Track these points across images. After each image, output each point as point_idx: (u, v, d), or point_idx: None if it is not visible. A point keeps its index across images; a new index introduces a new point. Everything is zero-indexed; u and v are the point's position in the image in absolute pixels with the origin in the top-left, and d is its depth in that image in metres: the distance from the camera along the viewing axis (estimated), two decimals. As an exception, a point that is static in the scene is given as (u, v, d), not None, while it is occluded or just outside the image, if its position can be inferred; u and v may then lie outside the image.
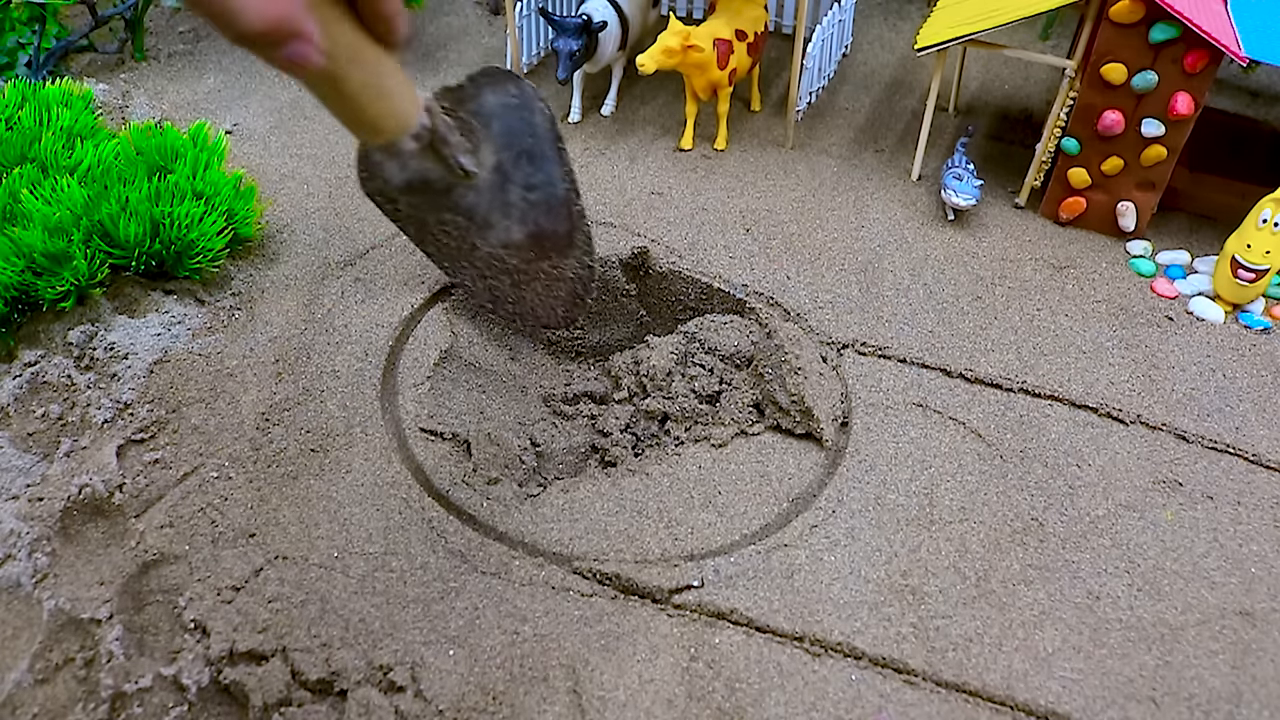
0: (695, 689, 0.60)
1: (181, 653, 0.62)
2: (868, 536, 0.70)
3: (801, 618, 0.64)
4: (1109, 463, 0.76)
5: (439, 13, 1.40)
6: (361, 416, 0.78)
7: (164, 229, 0.83)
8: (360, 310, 0.87)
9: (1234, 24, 0.91)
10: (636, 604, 0.65)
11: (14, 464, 0.71)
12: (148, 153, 0.90)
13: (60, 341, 0.80)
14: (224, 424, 0.76)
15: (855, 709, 0.60)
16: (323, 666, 0.61)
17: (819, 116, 1.19)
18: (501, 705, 0.59)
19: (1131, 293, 0.93)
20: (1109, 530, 0.71)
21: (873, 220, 1.01)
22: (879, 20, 1.42)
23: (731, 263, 0.94)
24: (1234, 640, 0.65)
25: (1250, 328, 0.90)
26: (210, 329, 0.84)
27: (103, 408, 0.75)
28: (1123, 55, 0.89)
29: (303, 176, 1.05)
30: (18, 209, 0.81)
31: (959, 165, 1.01)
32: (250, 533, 0.69)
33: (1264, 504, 0.74)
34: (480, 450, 0.80)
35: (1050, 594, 0.67)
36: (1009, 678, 0.62)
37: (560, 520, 0.72)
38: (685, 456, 0.77)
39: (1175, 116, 0.90)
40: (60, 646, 0.61)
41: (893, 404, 0.80)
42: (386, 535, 0.69)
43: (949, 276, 0.94)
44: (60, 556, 0.66)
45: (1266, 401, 0.82)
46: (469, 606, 0.65)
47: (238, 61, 1.26)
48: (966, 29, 0.96)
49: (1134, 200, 0.97)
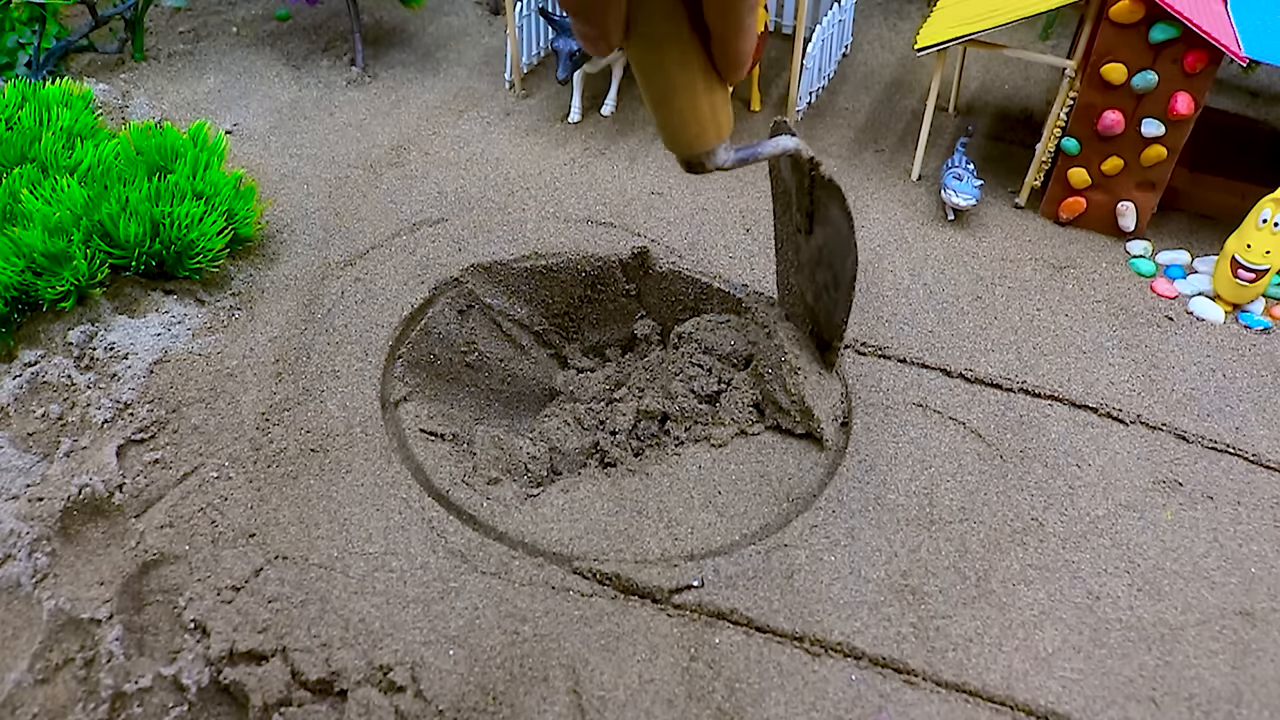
0: (695, 689, 0.60)
1: (181, 653, 0.62)
2: (868, 536, 0.70)
3: (801, 618, 0.64)
4: (1109, 463, 0.76)
5: (439, 13, 1.40)
6: (361, 416, 0.78)
7: (164, 229, 0.83)
8: (360, 310, 0.87)
9: (1234, 24, 0.91)
10: (636, 604, 0.65)
11: (14, 464, 0.71)
12: (148, 153, 0.90)
13: (60, 341, 0.80)
14: (224, 424, 0.76)
15: (855, 709, 0.60)
16: (323, 666, 0.61)
17: (819, 116, 1.19)
18: (501, 705, 0.59)
19: (1131, 293, 0.93)
20: (1109, 530, 0.71)
21: (873, 220, 1.01)
22: (879, 20, 1.42)
23: (731, 263, 0.94)
24: (1234, 640, 0.65)
25: (1250, 328, 0.90)
26: (210, 329, 0.84)
27: (103, 408, 0.75)
28: (1123, 55, 0.89)
29: (303, 176, 1.05)
30: (18, 209, 0.81)
31: (959, 165, 1.01)
32: (250, 533, 0.69)
33: (1264, 504, 0.74)
34: (482, 451, 0.80)
35: (1050, 594, 0.67)
36: (1009, 678, 0.62)
37: (560, 520, 0.72)
38: (685, 456, 0.77)
39: (1175, 116, 0.90)
40: (60, 646, 0.61)
41: (893, 404, 0.80)
42: (386, 535, 0.69)
43: (949, 276, 0.94)
44: (60, 556, 0.66)
45: (1266, 401, 0.82)
46: (469, 606, 0.65)
47: (238, 61, 1.26)
48: (966, 29, 0.96)
49: (1134, 200, 0.97)
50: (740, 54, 0.55)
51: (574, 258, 0.94)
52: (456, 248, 0.94)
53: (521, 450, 0.81)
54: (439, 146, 1.11)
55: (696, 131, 0.59)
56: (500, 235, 0.96)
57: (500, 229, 0.97)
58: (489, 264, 0.93)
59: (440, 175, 1.06)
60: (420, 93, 1.21)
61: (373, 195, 1.02)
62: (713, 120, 0.59)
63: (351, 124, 1.14)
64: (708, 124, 0.59)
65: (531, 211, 1.00)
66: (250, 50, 1.29)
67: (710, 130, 0.59)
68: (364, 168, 1.07)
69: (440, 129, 1.14)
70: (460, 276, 0.91)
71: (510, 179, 1.05)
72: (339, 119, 1.15)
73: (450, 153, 1.10)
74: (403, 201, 1.01)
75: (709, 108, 0.58)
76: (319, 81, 1.23)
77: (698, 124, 0.58)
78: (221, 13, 1.39)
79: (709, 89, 0.57)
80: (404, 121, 1.15)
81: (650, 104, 0.58)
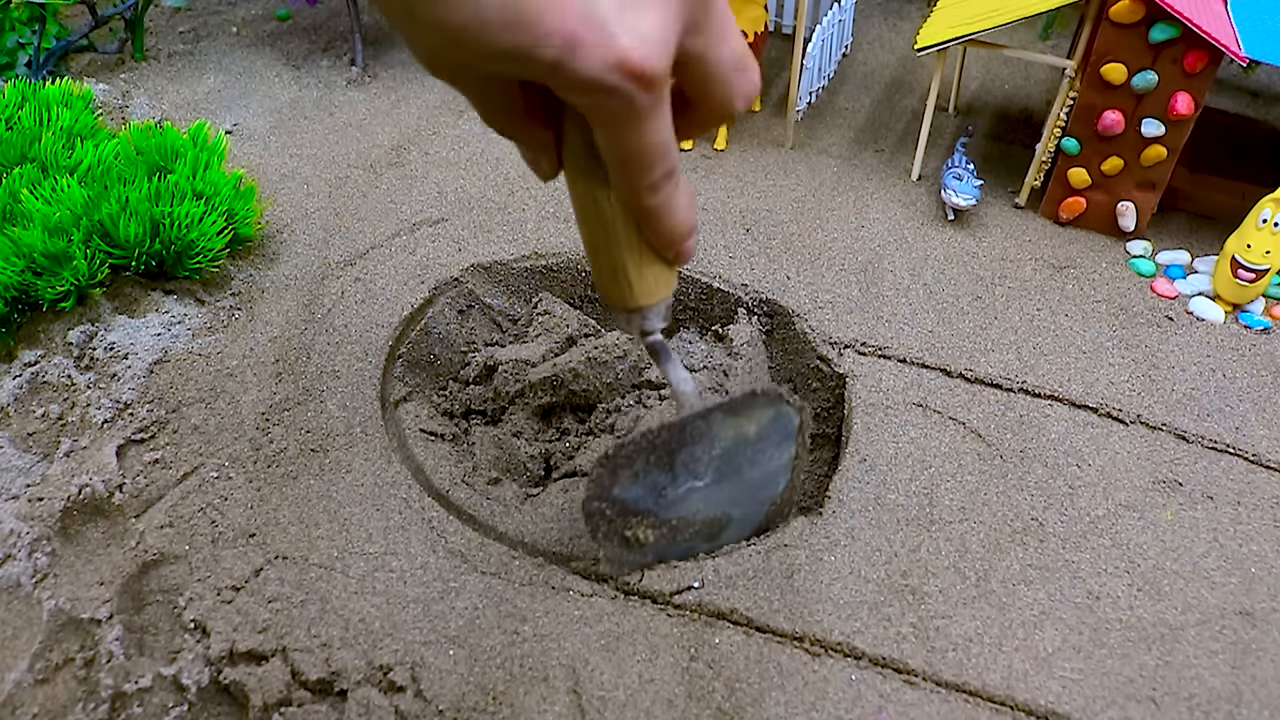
0: (695, 689, 0.60)
1: (181, 653, 0.62)
2: (868, 536, 0.70)
3: (801, 618, 0.64)
4: (1109, 463, 0.76)
5: (439, 13, 1.40)
6: (361, 416, 0.78)
7: (164, 229, 0.83)
8: (360, 310, 0.87)
9: (1234, 24, 0.91)
10: (636, 604, 0.65)
11: (14, 464, 0.71)
12: (148, 153, 0.90)
13: (60, 341, 0.80)
14: (224, 424, 0.76)
15: (855, 709, 0.60)
16: (323, 666, 0.61)
17: (819, 116, 1.19)
18: (501, 705, 0.59)
19: (1131, 293, 0.93)
20: (1109, 530, 0.71)
21: (873, 220, 1.01)
22: (879, 20, 1.42)
23: (731, 263, 0.94)
24: (1234, 640, 0.65)
25: (1250, 328, 0.90)
26: (210, 329, 0.84)
27: (103, 408, 0.75)
28: (1123, 55, 0.89)
29: (303, 176, 1.05)
30: (18, 209, 0.81)
31: (959, 165, 1.01)
32: (250, 533, 0.69)
33: (1264, 504, 0.74)
34: (481, 451, 0.80)
35: (1050, 594, 0.67)
36: (1009, 678, 0.62)
37: (560, 520, 0.72)
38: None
39: (1175, 116, 0.90)
40: (60, 646, 0.61)
41: (893, 404, 0.80)
42: (386, 535, 0.69)
43: (949, 276, 0.94)
44: (60, 556, 0.66)
45: (1266, 401, 0.82)
46: (469, 606, 0.65)
47: (238, 61, 1.26)
48: (966, 29, 0.96)
49: (1134, 200, 0.97)
50: (667, 234, 0.50)
51: (574, 258, 0.94)
52: (456, 248, 0.94)
53: (521, 450, 0.81)
54: (439, 146, 1.11)
55: (614, 289, 0.53)
56: (500, 235, 0.96)
57: (500, 229, 0.97)
58: (489, 264, 0.93)
59: (440, 175, 1.06)
60: (420, 93, 1.21)
61: (373, 195, 1.02)
62: (638, 284, 0.53)
63: (351, 124, 1.14)
64: (628, 287, 0.53)
65: (531, 211, 1.00)
66: (250, 50, 1.29)
67: (634, 294, 0.53)
68: (364, 168, 1.07)
69: (440, 129, 1.14)
70: (460, 276, 0.91)
71: (510, 179, 1.05)
72: (339, 119, 1.15)
73: (450, 153, 1.10)
74: (403, 201, 1.01)
75: (635, 271, 0.52)
76: (319, 81, 1.23)
77: (616, 283, 0.53)
78: (221, 13, 1.39)
79: (640, 251, 0.51)
80: (404, 121, 1.15)
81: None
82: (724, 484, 0.65)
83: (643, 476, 0.62)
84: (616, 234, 0.50)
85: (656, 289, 0.54)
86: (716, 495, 0.65)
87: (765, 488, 0.68)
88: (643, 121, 0.43)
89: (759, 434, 0.64)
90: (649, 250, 0.52)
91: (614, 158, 0.46)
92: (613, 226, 0.50)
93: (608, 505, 0.62)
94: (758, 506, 0.69)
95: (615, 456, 0.60)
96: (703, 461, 0.63)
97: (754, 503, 0.68)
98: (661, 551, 0.66)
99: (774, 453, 0.66)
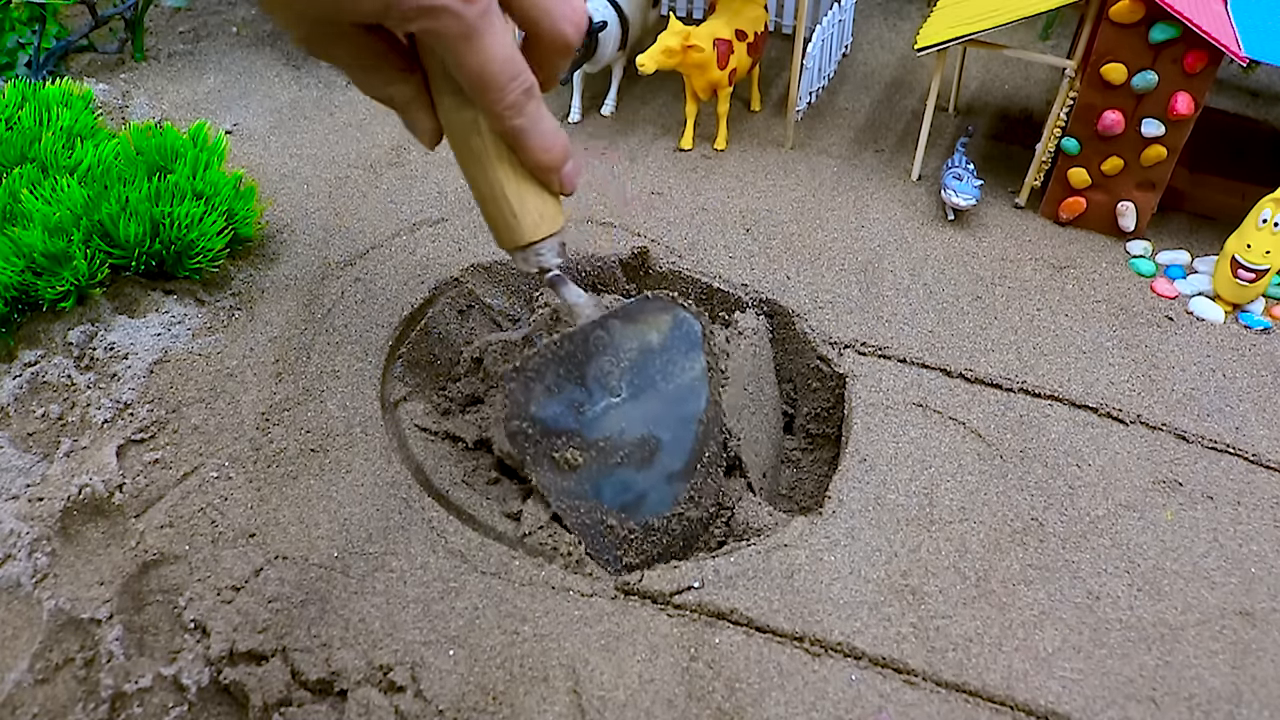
0: (695, 689, 0.60)
1: (181, 653, 0.62)
2: (868, 536, 0.70)
3: (801, 618, 0.64)
4: (1109, 463, 0.76)
5: (439, 13, 1.40)
6: (361, 416, 0.78)
7: (164, 229, 0.83)
8: (360, 310, 0.87)
9: (1234, 24, 0.91)
10: (636, 604, 0.65)
11: (14, 464, 0.71)
12: (148, 153, 0.90)
13: (60, 341, 0.80)
14: (224, 424, 0.76)
15: (855, 709, 0.60)
16: (323, 666, 0.61)
17: (819, 116, 1.19)
18: (501, 705, 0.59)
19: (1131, 293, 0.93)
20: (1109, 530, 0.71)
21: (873, 220, 1.01)
22: (879, 20, 1.42)
23: (731, 263, 0.94)
24: (1234, 640, 0.65)
25: (1250, 328, 0.90)
26: (210, 329, 0.84)
27: (103, 408, 0.75)
28: (1123, 55, 0.89)
29: (303, 176, 1.05)
30: (18, 209, 0.81)
31: (959, 165, 1.01)
32: (250, 533, 0.69)
33: (1264, 504, 0.74)
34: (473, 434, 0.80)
35: (1050, 594, 0.67)
36: (1009, 678, 0.62)
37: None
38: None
39: (1175, 116, 0.90)
40: (60, 646, 0.61)
41: (893, 404, 0.80)
42: (386, 535, 0.69)
43: (949, 276, 0.94)
44: (60, 556, 0.66)
45: (1266, 401, 0.82)
46: (469, 606, 0.65)
47: (238, 61, 1.26)
48: (966, 29, 0.96)
49: (1134, 200, 0.97)
50: (540, 154, 0.52)
51: (574, 258, 0.94)
52: (456, 248, 0.94)
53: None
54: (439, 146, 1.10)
55: (502, 226, 0.55)
56: (500, 235, 0.96)
57: (500, 229, 0.97)
58: (489, 264, 0.93)
59: (440, 175, 1.06)
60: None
61: (373, 195, 1.02)
62: (522, 216, 0.55)
63: (351, 124, 1.14)
64: (513, 219, 0.55)
65: (531, 211, 1.00)
66: (250, 50, 1.29)
67: (520, 226, 0.55)
68: (364, 168, 1.07)
69: (440, 129, 1.14)
70: (460, 276, 0.91)
71: (510, 179, 1.05)
72: (339, 119, 1.15)
73: (450, 152, 1.09)
74: (403, 201, 1.01)
75: (517, 202, 0.54)
76: (319, 81, 1.23)
77: (501, 218, 0.55)
78: (221, 13, 1.39)
79: (517, 182, 0.53)
80: (404, 121, 1.15)
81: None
82: (641, 399, 0.65)
83: (556, 390, 0.63)
84: (491, 163, 0.53)
85: (542, 222, 0.56)
86: (637, 412, 0.66)
87: (685, 402, 0.68)
88: (479, 36, 0.48)
89: (663, 343, 0.65)
90: (528, 180, 0.54)
91: (468, 80, 0.50)
92: (487, 156, 0.53)
93: (529, 424, 0.63)
94: (685, 427, 0.68)
95: (524, 369, 0.62)
96: (614, 375, 0.64)
97: (679, 422, 0.67)
98: (596, 479, 0.66)
99: (684, 362, 0.67)
